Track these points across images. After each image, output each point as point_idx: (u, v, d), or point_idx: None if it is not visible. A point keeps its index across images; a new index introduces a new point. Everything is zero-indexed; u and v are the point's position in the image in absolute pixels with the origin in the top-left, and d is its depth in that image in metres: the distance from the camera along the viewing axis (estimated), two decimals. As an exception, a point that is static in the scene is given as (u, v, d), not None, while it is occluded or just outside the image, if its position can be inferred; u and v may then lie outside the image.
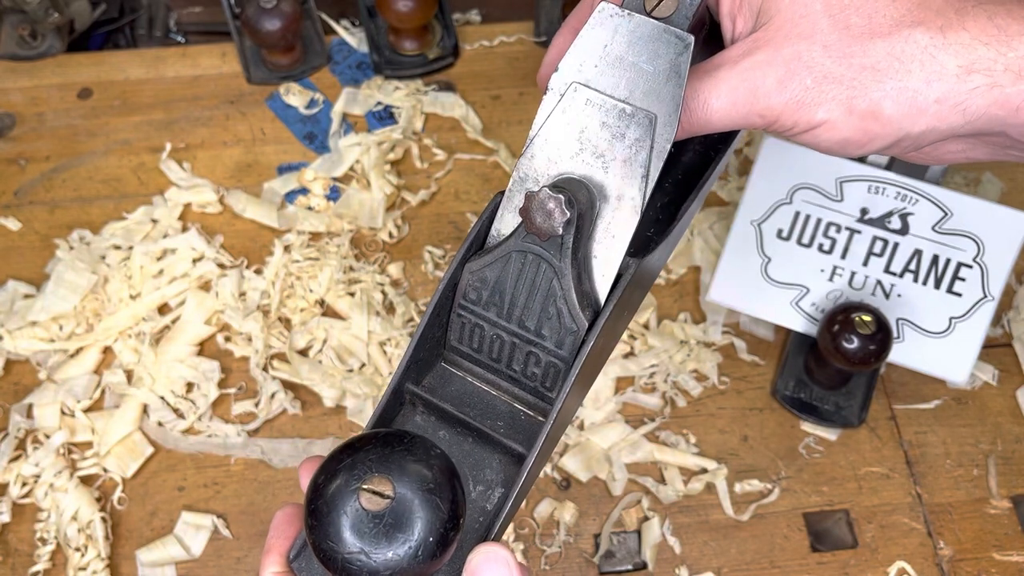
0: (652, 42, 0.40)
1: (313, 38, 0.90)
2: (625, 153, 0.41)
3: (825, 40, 0.39)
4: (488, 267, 0.43)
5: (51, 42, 0.89)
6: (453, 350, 0.46)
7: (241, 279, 0.76)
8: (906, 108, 0.38)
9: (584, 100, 0.41)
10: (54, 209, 0.81)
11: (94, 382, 0.71)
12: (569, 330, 0.43)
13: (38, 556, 0.64)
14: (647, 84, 0.40)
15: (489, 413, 0.45)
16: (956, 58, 0.37)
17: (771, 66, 0.39)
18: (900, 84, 0.37)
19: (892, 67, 0.38)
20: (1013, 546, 0.66)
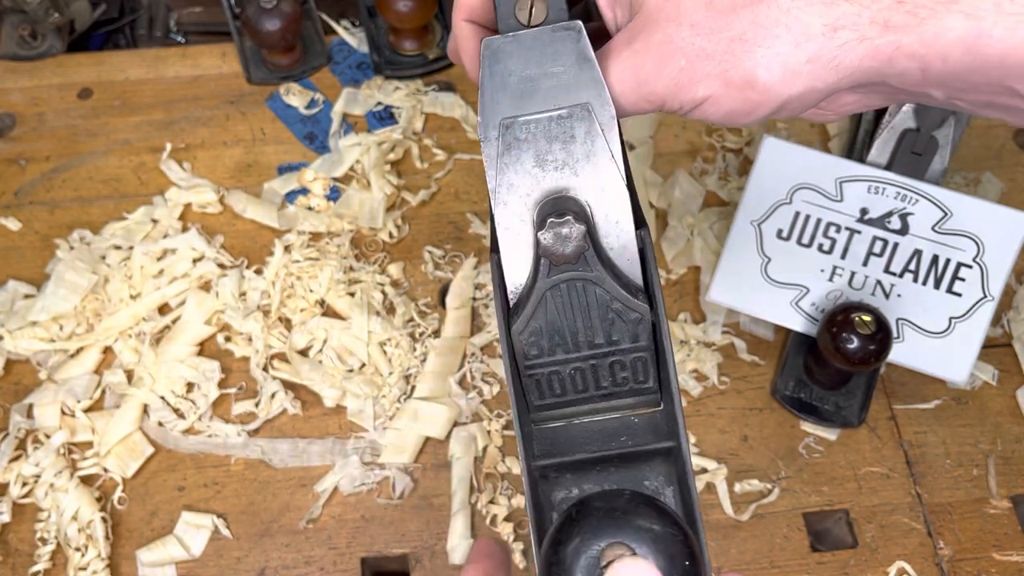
0: (548, 47, 0.41)
1: (313, 38, 0.90)
2: (584, 150, 0.42)
3: (692, 19, 0.40)
4: (532, 319, 0.43)
5: (51, 42, 0.89)
6: (539, 409, 0.45)
7: (241, 279, 0.76)
8: (779, 73, 0.38)
9: (522, 129, 0.42)
10: (54, 209, 0.81)
11: (94, 382, 0.71)
12: (635, 321, 0.43)
13: (38, 556, 0.64)
14: (565, 82, 0.41)
15: (608, 436, 0.45)
16: (820, 17, 0.38)
17: (647, 53, 0.40)
18: (769, 51, 0.38)
19: (759, 35, 0.38)
20: (1013, 546, 0.66)
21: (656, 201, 0.82)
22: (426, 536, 0.66)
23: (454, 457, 0.68)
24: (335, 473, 0.68)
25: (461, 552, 0.64)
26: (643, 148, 0.83)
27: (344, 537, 0.66)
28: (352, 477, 0.68)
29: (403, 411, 0.70)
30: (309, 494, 0.67)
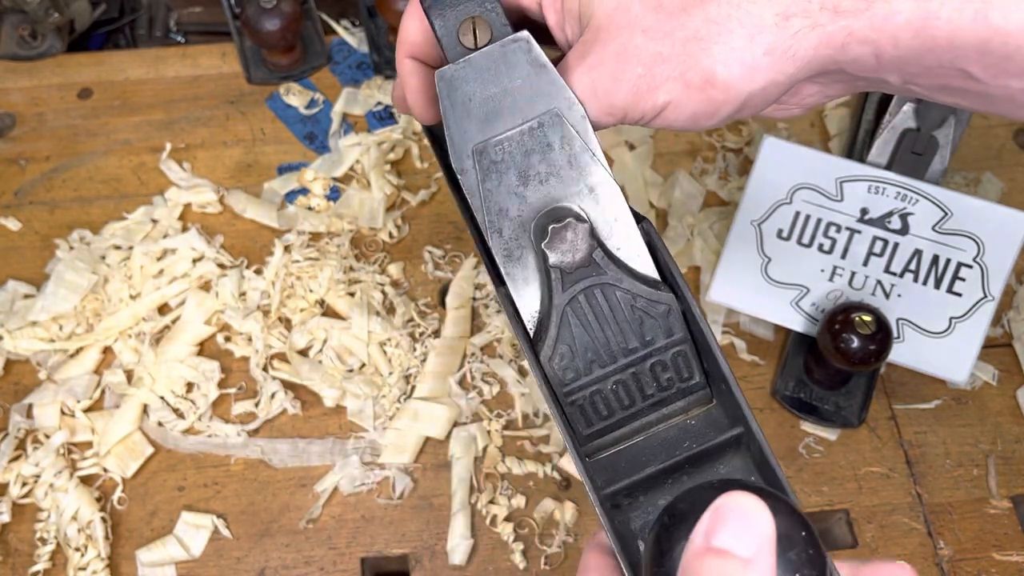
0: (501, 63, 0.40)
1: (313, 38, 0.90)
2: (563, 157, 0.41)
3: (643, 24, 0.39)
4: (558, 342, 0.41)
5: (51, 42, 0.89)
6: (591, 438, 0.43)
7: (241, 279, 0.76)
8: (738, 69, 0.38)
9: (496, 151, 0.41)
10: (54, 209, 0.81)
11: (94, 382, 0.71)
12: (664, 313, 0.42)
13: (38, 556, 0.64)
14: (527, 94, 0.41)
15: (671, 446, 0.42)
16: (771, 7, 0.38)
17: (602, 65, 0.40)
18: (726, 47, 0.38)
19: (713, 31, 0.38)
20: (1013, 546, 0.66)
21: (656, 201, 0.82)
22: (426, 536, 0.66)
23: (454, 457, 0.68)
24: (335, 473, 0.68)
25: (461, 552, 0.64)
26: (643, 148, 0.83)
27: (344, 537, 0.66)
28: (352, 477, 0.68)
29: (403, 411, 0.70)
30: (309, 494, 0.67)
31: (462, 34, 0.41)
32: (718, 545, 0.29)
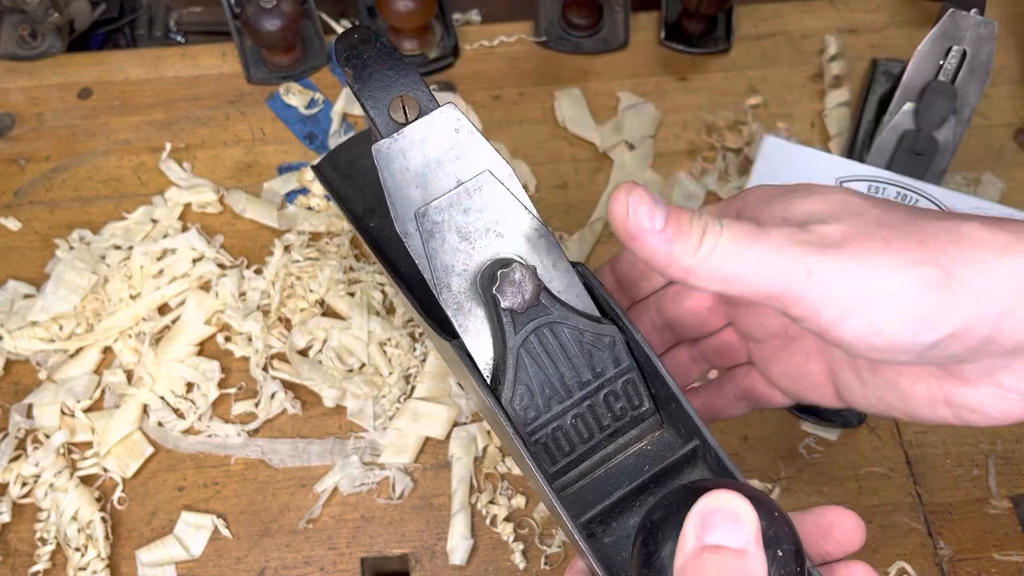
0: (431, 134, 0.43)
1: (313, 38, 0.90)
2: (497, 213, 0.44)
3: (877, 218, 0.35)
4: (516, 383, 0.43)
5: (51, 42, 0.89)
6: (556, 476, 0.45)
7: (241, 279, 0.76)
8: (979, 278, 0.33)
9: (437, 213, 0.43)
10: (54, 209, 0.81)
11: (94, 382, 0.71)
12: (610, 344, 0.44)
13: (38, 556, 0.64)
14: (458, 157, 0.44)
15: (632, 471, 0.45)
16: (1019, 244, 0.34)
17: (829, 231, 0.35)
18: (969, 255, 0.33)
19: (954, 240, 0.34)
20: (1013, 546, 0.66)
21: (656, 201, 0.82)
22: (426, 536, 0.66)
23: (454, 457, 0.68)
24: (335, 473, 0.68)
25: (461, 552, 0.64)
26: (643, 148, 0.83)
27: (344, 537, 0.66)
28: (352, 477, 0.68)
29: (403, 411, 0.70)
30: (309, 494, 0.67)
31: (393, 111, 0.44)
32: (712, 542, 0.30)
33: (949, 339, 0.34)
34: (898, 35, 0.92)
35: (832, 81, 0.87)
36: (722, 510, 0.31)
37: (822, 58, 0.89)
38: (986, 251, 0.34)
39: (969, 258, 0.34)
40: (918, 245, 0.34)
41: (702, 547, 0.30)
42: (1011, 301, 0.33)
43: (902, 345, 0.34)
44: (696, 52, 0.90)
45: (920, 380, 0.39)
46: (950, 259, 0.34)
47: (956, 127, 0.74)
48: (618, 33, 0.90)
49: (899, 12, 0.94)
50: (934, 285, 0.33)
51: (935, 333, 0.34)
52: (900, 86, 0.74)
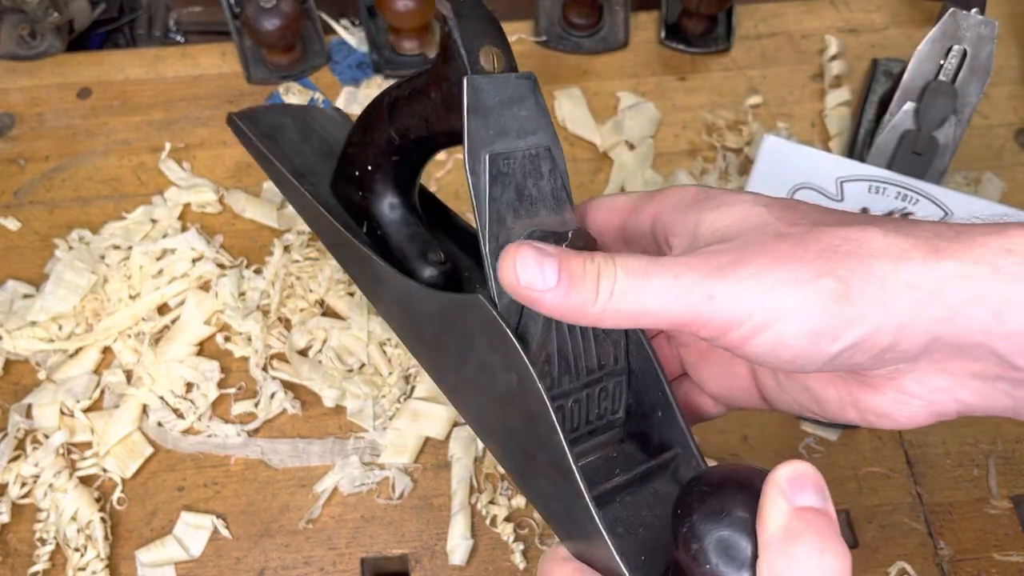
0: (514, 90, 0.44)
1: (313, 37, 0.90)
2: (549, 188, 0.45)
3: (776, 229, 0.36)
4: (545, 346, 0.43)
5: (50, 42, 0.89)
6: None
7: (241, 279, 0.75)
8: (877, 288, 0.34)
9: (504, 163, 0.44)
10: (53, 209, 0.81)
11: (94, 382, 0.71)
12: (616, 340, 0.45)
13: (37, 556, 0.64)
14: (530, 126, 0.45)
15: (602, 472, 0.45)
16: (918, 248, 0.34)
17: (724, 253, 0.36)
18: (866, 265, 0.34)
19: (853, 249, 0.34)
20: (1013, 546, 0.65)
21: (656, 201, 0.82)
22: (426, 536, 0.66)
23: (454, 457, 0.68)
24: (335, 473, 0.68)
25: (461, 552, 0.64)
26: (643, 148, 0.83)
27: (344, 537, 0.66)
28: (352, 477, 0.68)
29: (403, 411, 0.70)
30: (309, 494, 0.67)
31: (483, 57, 0.44)
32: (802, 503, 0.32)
33: (851, 349, 0.35)
34: (898, 35, 0.92)
35: (832, 81, 0.87)
36: (806, 475, 0.33)
37: (822, 58, 0.89)
38: (884, 260, 0.34)
39: (867, 268, 0.34)
40: (817, 257, 0.34)
41: (795, 507, 0.32)
42: (911, 309, 0.34)
43: (807, 358, 0.35)
44: (696, 52, 0.90)
45: (830, 385, 0.40)
46: (848, 270, 0.34)
47: (956, 127, 0.74)
48: (618, 33, 0.90)
49: (899, 12, 0.94)
50: (834, 298, 0.34)
51: (837, 345, 0.35)
52: (900, 86, 0.74)
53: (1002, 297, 0.33)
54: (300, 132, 0.59)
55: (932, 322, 0.34)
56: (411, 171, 0.52)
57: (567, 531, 0.42)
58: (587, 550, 0.41)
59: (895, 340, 0.34)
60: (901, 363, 0.36)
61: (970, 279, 0.33)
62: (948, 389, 0.37)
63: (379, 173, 0.51)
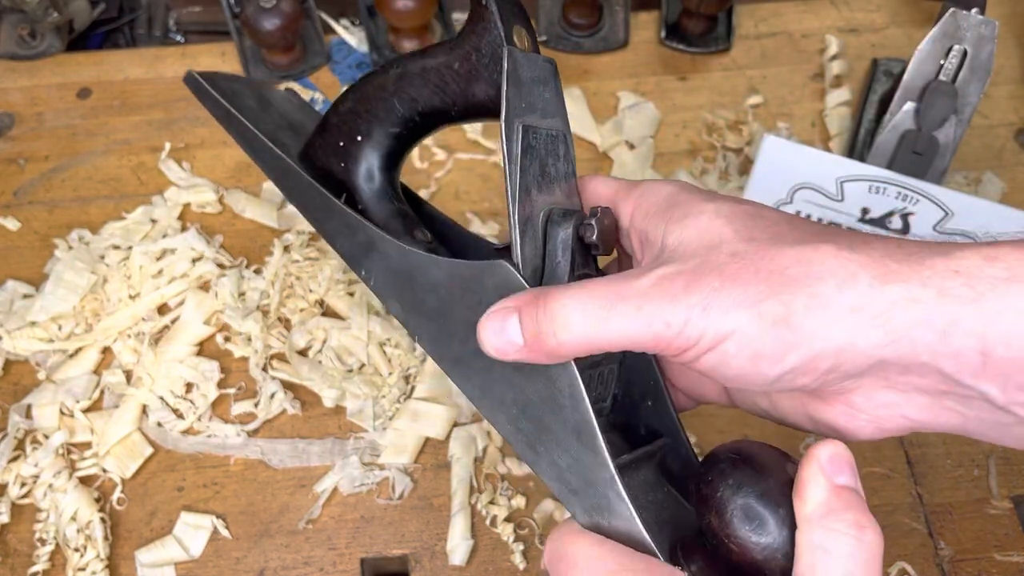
0: (541, 73, 0.46)
1: (313, 37, 0.90)
2: (563, 171, 0.46)
3: (732, 248, 0.37)
4: None
5: (50, 42, 0.89)
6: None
7: (240, 279, 0.75)
8: (819, 313, 0.35)
9: (534, 137, 0.45)
10: (53, 209, 0.81)
11: (93, 382, 0.71)
12: None
13: (37, 556, 0.64)
14: (551, 108, 0.46)
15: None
16: (867, 269, 0.35)
17: (678, 275, 0.37)
18: (811, 289, 0.35)
19: (801, 273, 0.35)
20: (1013, 546, 0.65)
21: (656, 201, 0.81)
22: (426, 536, 0.66)
23: (454, 457, 0.68)
24: (335, 473, 0.68)
25: (461, 553, 0.64)
26: (643, 148, 0.83)
27: (344, 537, 0.66)
28: (352, 477, 0.68)
29: (403, 411, 0.70)
30: (309, 494, 0.67)
31: (515, 36, 0.45)
32: (841, 482, 0.35)
33: (792, 372, 0.36)
34: (899, 35, 0.92)
35: (833, 81, 0.87)
36: (843, 455, 0.36)
37: (823, 58, 0.89)
38: (829, 284, 0.35)
39: (812, 293, 0.35)
40: (764, 280, 0.36)
41: (835, 485, 0.35)
42: (852, 334, 0.35)
43: (749, 378, 0.37)
44: (696, 51, 0.90)
45: (786, 396, 0.42)
46: (792, 295, 0.35)
47: (957, 127, 0.74)
48: (618, 32, 0.90)
49: (900, 12, 0.94)
50: (774, 322, 0.35)
51: (778, 368, 0.36)
52: (901, 86, 0.74)
53: (948, 319, 0.33)
54: (258, 102, 0.57)
55: (875, 346, 0.35)
56: (404, 146, 0.51)
57: (582, 503, 0.42)
58: (604, 521, 0.41)
59: (836, 363, 0.36)
60: (846, 381, 0.37)
61: (917, 302, 0.34)
62: (895, 405, 0.38)
63: (368, 145, 0.50)
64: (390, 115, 0.49)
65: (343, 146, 0.50)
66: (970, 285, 0.33)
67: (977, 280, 0.33)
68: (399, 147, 0.50)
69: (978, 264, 0.34)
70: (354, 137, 0.50)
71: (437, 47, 0.47)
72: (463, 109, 0.47)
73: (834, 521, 0.34)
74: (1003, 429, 0.36)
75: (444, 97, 0.47)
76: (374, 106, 0.49)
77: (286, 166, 0.51)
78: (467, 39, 0.45)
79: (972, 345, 0.33)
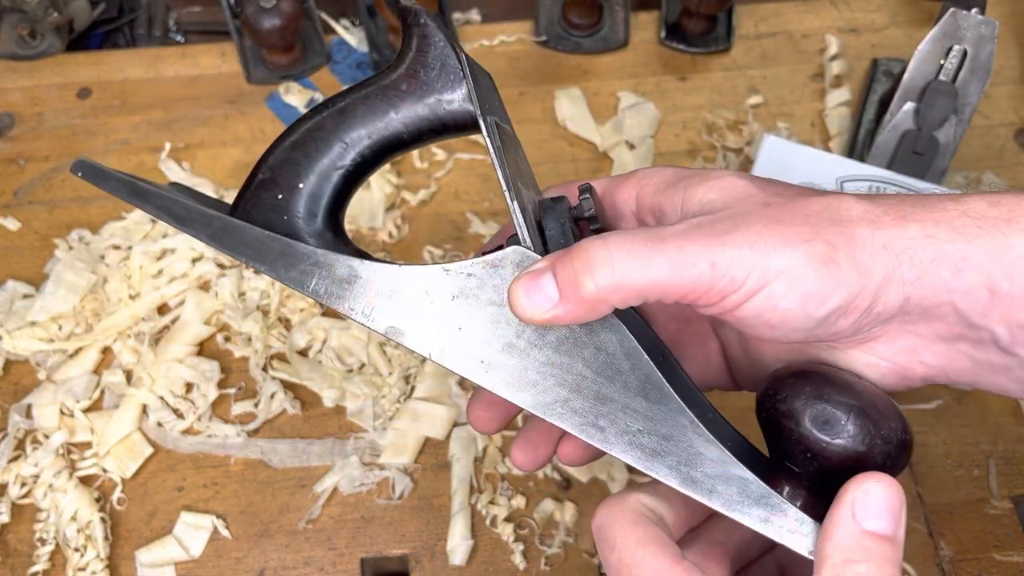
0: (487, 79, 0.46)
1: (313, 37, 0.90)
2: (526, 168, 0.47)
3: (763, 199, 0.38)
4: None
5: (50, 42, 0.89)
6: None
7: (240, 279, 0.75)
8: (860, 252, 0.36)
9: (504, 133, 0.45)
10: (53, 209, 0.81)
11: (93, 382, 0.71)
12: None
13: (37, 556, 0.64)
14: (499, 111, 0.47)
15: None
16: (888, 213, 0.37)
17: (718, 221, 0.37)
18: (848, 231, 0.36)
19: (832, 216, 0.37)
20: (1013, 546, 0.65)
21: (656, 201, 0.81)
22: (426, 536, 0.66)
23: (454, 457, 0.68)
24: (335, 473, 0.68)
25: (461, 553, 0.64)
26: (643, 148, 0.83)
27: (344, 537, 0.66)
28: (352, 477, 0.68)
29: (403, 411, 0.70)
30: (309, 494, 0.67)
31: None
32: (870, 528, 0.34)
33: (835, 313, 0.37)
34: (899, 35, 0.92)
35: (833, 81, 0.87)
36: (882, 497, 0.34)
37: (823, 57, 0.89)
38: (862, 225, 0.37)
39: (850, 233, 0.36)
40: (805, 221, 0.37)
41: (862, 530, 0.34)
42: (888, 270, 0.36)
43: (794, 323, 0.37)
44: (696, 51, 0.90)
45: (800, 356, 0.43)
46: (834, 234, 0.36)
47: (957, 127, 0.74)
48: (618, 32, 0.90)
49: (900, 12, 0.94)
50: (822, 261, 0.36)
51: (823, 308, 0.36)
52: (901, 86, 0.74)
53: (960, 255, 0.36)
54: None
55: (905, 282, 0.36)
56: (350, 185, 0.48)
57: (667, 462, 0.40)
58: (697, 472, 0.40)
59: (874, 301, 0.37)
60: (875, 327, 0.38)
61: (933, 239, 0.36)
62: (914, 351, 0.39)
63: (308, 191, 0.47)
64: (336, 155, 0.47)
65: (282, 199, 0.47)
66: (977, 224, 0.36)
67: (983, 220, 0.36)
68: (346, 186, 0.48)
69: (983, 208, 0.36)
70: (295, 186, 0.47)
71: (375, 76, 0.46)
72: (417, 130, 0.46)
73: (845, 570, 0.33)
74: (1009, 374, 0.38)
75: (394, 121, 0.45)
76: (313, 150, 0.47)
77: (224, 223, 0.47)
78: (409, 59, 0.44)
79: (980, 282, 0.36)
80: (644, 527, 0.39)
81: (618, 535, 0.39)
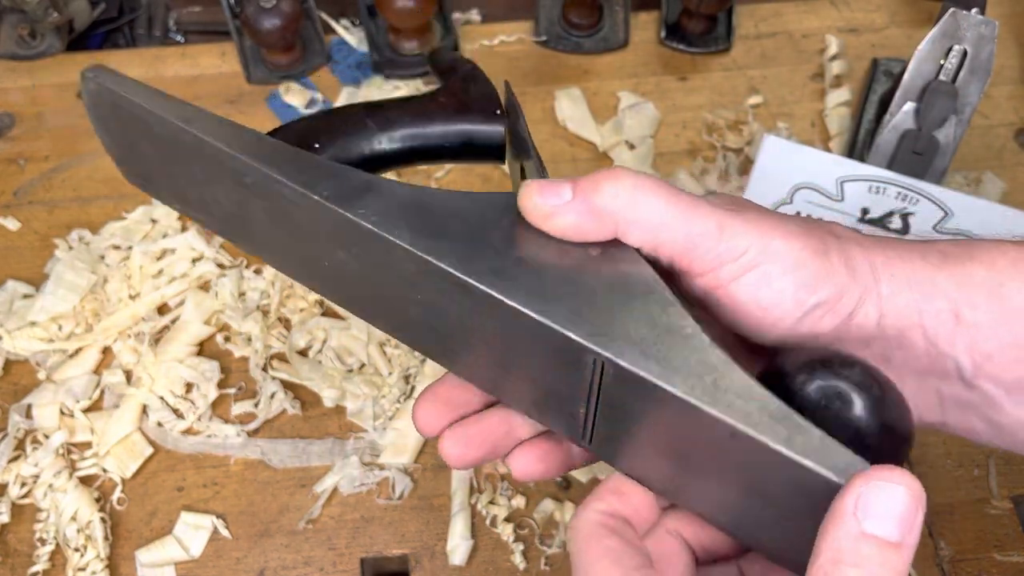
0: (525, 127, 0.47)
1: (313, 37, 0.90)
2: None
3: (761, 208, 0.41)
4: None
5: (50, 42, 0.89)
6: None
7: (240, 279, 0.75)
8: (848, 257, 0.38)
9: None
10: (53, 209, 0.81)
11: (93, 382, 0.71)
12: None
13: (37, 556, 0.64)
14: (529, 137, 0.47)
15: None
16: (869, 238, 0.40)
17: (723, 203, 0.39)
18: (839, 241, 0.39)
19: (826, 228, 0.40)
20: (1014, 546, 0.65)
21: (656, 201, 0.81)
22: (426, 537, 0.66)
23: (454, 457, 0.68)
24: (335, 473, 0.68)
25: (461, 553, 0.64)
26: (643, 148, 0.83)
27: (344, 538, 0.66)
28: (352, 477, 0.68)
29: (403, 411, 0.70)
30: (309, 494, 0.67)
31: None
32: (871, 531, 0.30)
33: (823, 307, 0.38)
34: (899, 35, 0.92)
35: (833, 81, 0.87)
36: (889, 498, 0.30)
37: (823, 57, 0.89)
38: (852, 243, 0.39)
39: (842, 244, 0.39)
40: (802, 223, 0.39)
41: (861, 532, 0.30)
42: (869, 283, 0.38)
43: (785, 304, 0.37)
44: (696, 51, 0.90)
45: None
46: (830, 240, 0.39)
47: (957, 127, 0.74)
48: (618, 33, 0.90)
49: (899, 12, 0.94)
50: (818, 253, 0.38)
51: (815, 296, 0.37)
52: (901, 86, 0.74)
53: (929, 280, 0.38)
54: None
55: (882, 297, 0.38)
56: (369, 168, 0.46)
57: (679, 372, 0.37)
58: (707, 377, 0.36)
59: (855, 309, 0.38)
60: (855, 349, 0.39)
61: (907, 263, 0.38)
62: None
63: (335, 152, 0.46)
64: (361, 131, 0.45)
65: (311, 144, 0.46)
66: (943, 256, 0.38)
67: (947, 255, 0.38)
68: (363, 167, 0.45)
69: (945, 246, 0.39)
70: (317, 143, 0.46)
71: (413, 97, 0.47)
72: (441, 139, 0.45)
73: (835, 572, 0.30)
74: (975, 411, 0.38)
75: (422, 124, 0.45)
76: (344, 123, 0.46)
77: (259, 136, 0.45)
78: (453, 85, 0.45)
79: (947, 307, 0.37)
80: (598, 541, 0.38)
81: (578, 554, 0.39)
